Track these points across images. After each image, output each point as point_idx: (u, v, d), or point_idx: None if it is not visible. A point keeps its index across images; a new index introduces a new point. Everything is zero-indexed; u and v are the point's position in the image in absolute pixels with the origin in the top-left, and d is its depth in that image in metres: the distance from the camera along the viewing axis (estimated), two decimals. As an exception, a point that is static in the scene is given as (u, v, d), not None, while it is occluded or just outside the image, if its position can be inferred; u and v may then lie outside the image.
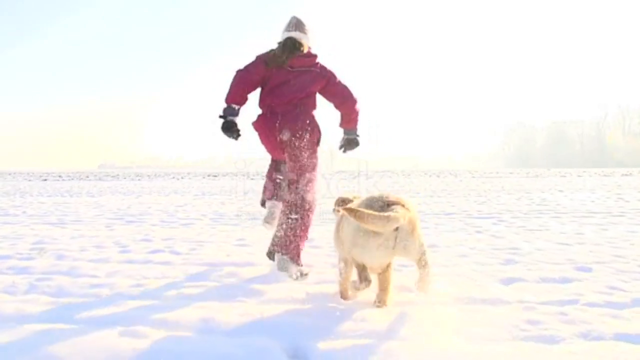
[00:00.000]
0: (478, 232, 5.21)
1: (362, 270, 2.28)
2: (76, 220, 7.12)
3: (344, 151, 3.53)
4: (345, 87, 3.40)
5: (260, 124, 3.33)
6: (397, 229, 2.10)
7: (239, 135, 3.30)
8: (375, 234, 2.12)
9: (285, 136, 3.21)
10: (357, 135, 3.49)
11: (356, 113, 3.44)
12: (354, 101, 3.41)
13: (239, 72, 3.29)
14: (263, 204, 3.62)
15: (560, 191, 14.05)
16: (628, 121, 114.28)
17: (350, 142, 3.48)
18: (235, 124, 3.28)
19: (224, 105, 3.27)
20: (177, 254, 3.79)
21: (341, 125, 3.49)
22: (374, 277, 2.35)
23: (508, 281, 2.88)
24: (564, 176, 29.90)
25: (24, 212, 8.56)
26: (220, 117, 3.26)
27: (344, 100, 3.39)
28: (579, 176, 29.56)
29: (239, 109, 3.30)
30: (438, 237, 4.73)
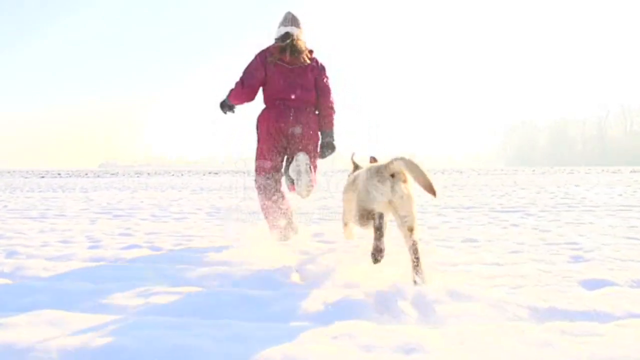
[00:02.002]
0: (513, 225, 4.48)
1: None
2: (59, 215, 6.48)
3: (322, 156, 3.52)
4: (328, 86, 3.53)
5: (270, 115, 3.39)
6: (393, 175, 2.24)
7: (233, 111, 3.55)
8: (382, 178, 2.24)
9: (298, 131, 3.37)
10: (333, 139, 3.50)
11: (331, 112, 3.50)
12: (330, 100, 3.51)
13: (238, 85, 3.42)
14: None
15: (577, 186, 13.35)
16: (630, 120, 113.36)
17: (327, 145, 3.49)
18: (232, 107, 3.56)
19: (228, 102, 3.53)
20: (157, 250, 3.04)
21: (319, 126, 3.53)
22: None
23: (591, 285, 2.15)
24: (571, 173, 29.07)
25: (5, 206, 7.93)
26: (221, 102, 3.55)
27: (323, 94, 3.49)
28: (587, 173, 28.73)
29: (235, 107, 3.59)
30: (470, 231, 4.01)
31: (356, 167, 3.04)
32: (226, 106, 3.53)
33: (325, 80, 3.53)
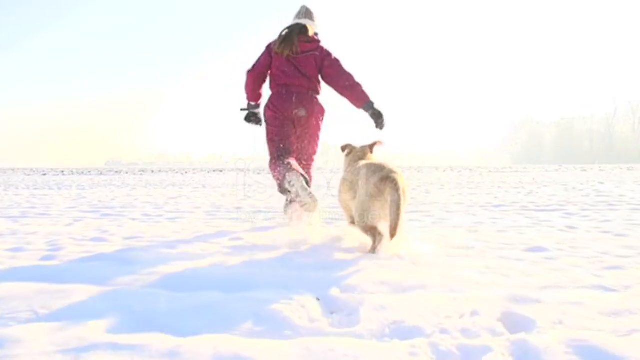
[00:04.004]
0: (571, 227, 3.71)
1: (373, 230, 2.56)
2: (41, 214, 5.83)
3: (378, 127, 3.50)
4: (339, 66, 3.53)
5: (274, 100, 3.56)
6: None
7: (259, 123, 3.73)
8: (381, 199, 2.50)
9: (302, 113, 3.50)
10: (375, 107, 3.46)
11: (356, 87, 3.47)
12: (347, 78, 3.49)
13: (247, 73, 3.66)
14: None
15: (601, 183, 12.52)
16: (638, 116, 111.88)
17: (374, 116, 3.46)
18: (256, 115, 3.76)
19: (247, 102, 3.73)
20: (128, 264, 2.22)
21: (356, 106, 3.53)
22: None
23: None
24: (584, 170, 28.07)
25: (-13, 204, 7.25)
26: (242, 109, 3.73)
27: (338, 76, 3.51)
28: (601, 170, 27.76)
29: (257, 104, 3.75)
30: (525, 236, 3.24)
31: (351, 150, 3.16)
32: (252, 119, 3.74)
33: (333, 64, 3.54)
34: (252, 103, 3.70)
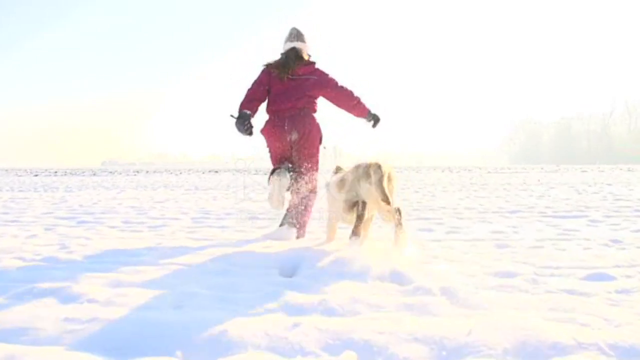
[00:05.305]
0: (615, 241, 3.18)
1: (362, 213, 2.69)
2: (12, 221, 5.34)
3: (375, 126, 3.85)
4: (337, 86, 3.68)
5: (269, 129, 3.61)
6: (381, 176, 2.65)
7: (251, 131, 3.46)
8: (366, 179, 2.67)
9: (294, 136, 3.54)
10: (372, 115, 3.80)
11: (357, 105, 3.74)
12: (350, 99, 3.71)
13: (247, 90, 3.67)
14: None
15: (609, 185, 12.05)
16: (634, 117, 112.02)
17: (371, 119, 3.80)
18: (250, 121, 3.47)
19: (239, 112, 3.53)
20: (67, 302, 1.61)
21: (358, 117, 3.81)
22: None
23: None
24: (585, 171, 27.63)
25: (-45, 209, 6.70)
26: (232, 116, 3.50)
27: (339, 97, 3.71)
28: (601, 171, 27.32)
29: (250, 114, 3.53)
30: (567, 254, 2.69)
31: (338, 170, 3.35)
32: (244, 124, 3.44)
33: (334, 89, 3.66)
34: (246, 112, 3.49)
